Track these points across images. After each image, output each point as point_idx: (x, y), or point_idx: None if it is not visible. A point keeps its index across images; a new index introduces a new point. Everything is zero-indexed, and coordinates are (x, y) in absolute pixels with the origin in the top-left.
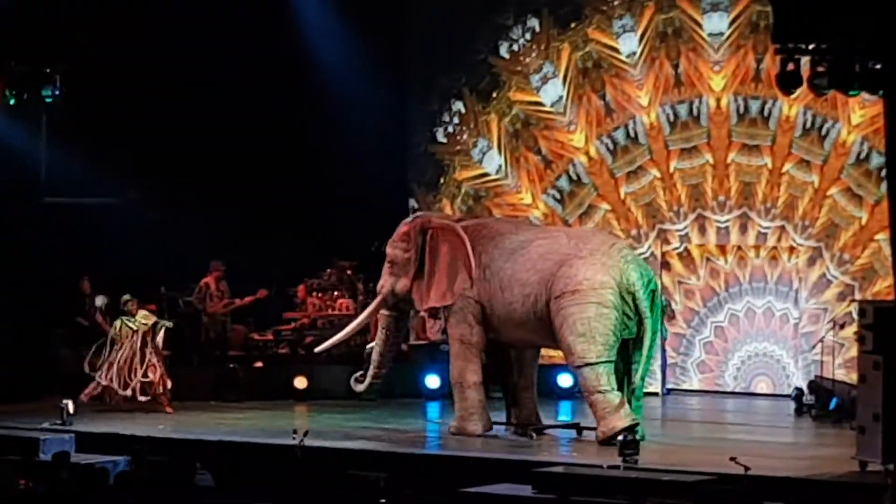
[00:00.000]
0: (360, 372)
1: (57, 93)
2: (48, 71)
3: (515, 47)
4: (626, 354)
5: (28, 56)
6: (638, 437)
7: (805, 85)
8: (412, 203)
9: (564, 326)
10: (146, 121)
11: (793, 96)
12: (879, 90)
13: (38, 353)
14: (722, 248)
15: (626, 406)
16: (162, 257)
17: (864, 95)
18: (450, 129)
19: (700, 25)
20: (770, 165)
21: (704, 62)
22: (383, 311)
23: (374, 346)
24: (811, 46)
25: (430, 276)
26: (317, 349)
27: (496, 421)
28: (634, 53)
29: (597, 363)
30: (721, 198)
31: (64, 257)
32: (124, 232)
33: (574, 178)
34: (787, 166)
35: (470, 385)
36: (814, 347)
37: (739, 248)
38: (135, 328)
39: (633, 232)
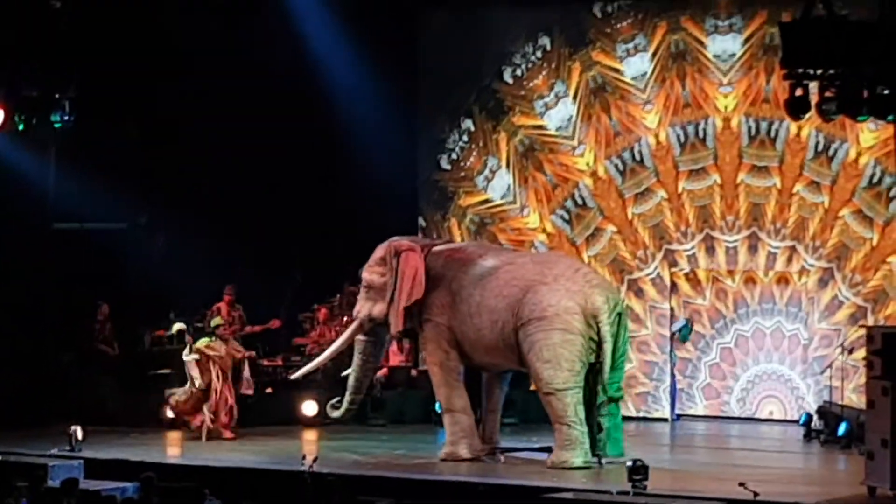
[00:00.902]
0: (337, 399)
1: (66, 118)
2: (57, 96)
3: (519, 72)
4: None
5: (37, 82)
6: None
7: (813, 110)
8: (421, 222)
9: (531, 353)
10: (155, 146)
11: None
12: (888, 115)
13: (46, 379)
14: (730, 272)
15: (586, 444)
16: (171, 283)
17: (873, 120)
18: (455, 154)
19: (704, 46)
20: (779, 185)
21: (710, 83)
22: (359, 337)
23: (351, 371)
24: (819, 72)
25: (397, 299)
26: (292, 375)
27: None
28: (645, 74)
29: (564, 390)
30: (730, 218)
31: (72, 283)
32: (133, 257)
33: (579, 202)
34: (798, 187)
35: (458, 409)
36: (824, 371)
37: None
38: (222, 354)
39: (640, 253)
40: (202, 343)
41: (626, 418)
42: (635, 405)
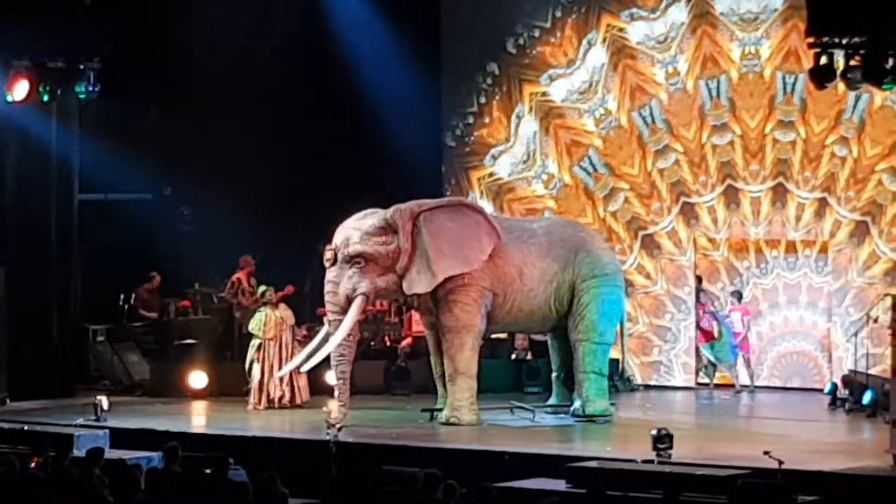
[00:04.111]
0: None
1: (91, 89)
2: (81, 67)
3: (521, 41)
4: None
5: (62, 52)
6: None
7: (838, 79)
8: (447, 191)
9: (592, 304)
10: (179, 116)
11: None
12: None
13: (73, 350)
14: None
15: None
16: (195, 253)
17: None
18: (472, 119)
19: (711, 5)
20: (804, 136)
21: (722, 37)
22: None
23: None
24: (844, 41)
25: (437, 253)
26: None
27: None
28: (676, 24)
29: (608, 344)
30: (754, 166)
31: (98, 254)
32: (157, 228)
33: (590, 169)
34: (830, 139)
35: (473, 376)
36: (850, 339)
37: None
38: (283, 319)
39: (656, 206)
40: (268, 316)
41: (648, 387)
42: (644, 374)
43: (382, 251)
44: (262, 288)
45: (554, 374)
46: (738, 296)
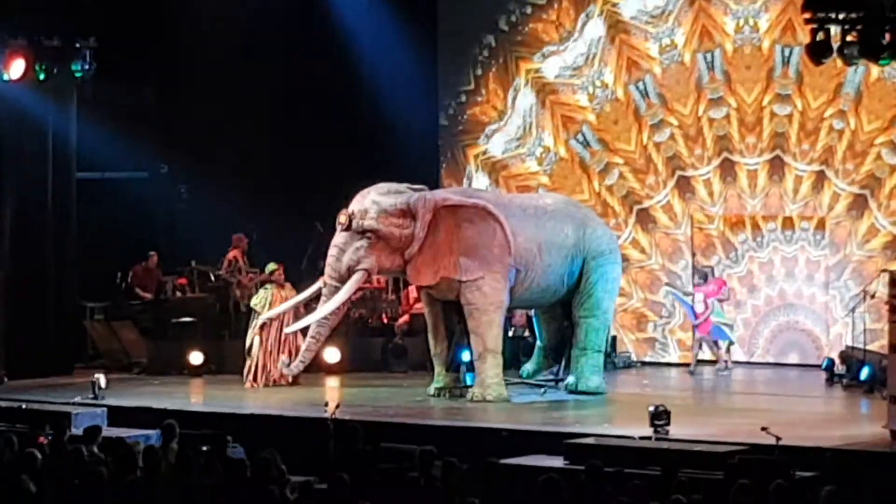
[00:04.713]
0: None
1: (87, 68)
2: (78, 46)
3: (514, 18)
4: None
5: (58, 31)
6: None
7: (835, 54)
8: (443, 167)
9: (600, 282)
10: (176, 95)
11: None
12: None
13: (70, 328)
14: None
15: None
16: (192, 231)
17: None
18: (465, 97)
19: None
20: (801, 108)
21: (716, 10)
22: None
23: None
24: (841, 16)
25: (449, 250)
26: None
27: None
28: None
29: (609, 324)
30: (751, 139)
31: (95, 232)
32: (154, 206)
33: (583, 142)
34: (829, 111)
35: (499, 352)
36: (847, 315)
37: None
38: (288, 299)
39: (651, 180)
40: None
41: (644, 363)
42: (639, 350)
43: (396, 233)
44: (272, 266)
45: (539, 345)
46: (704, 276)
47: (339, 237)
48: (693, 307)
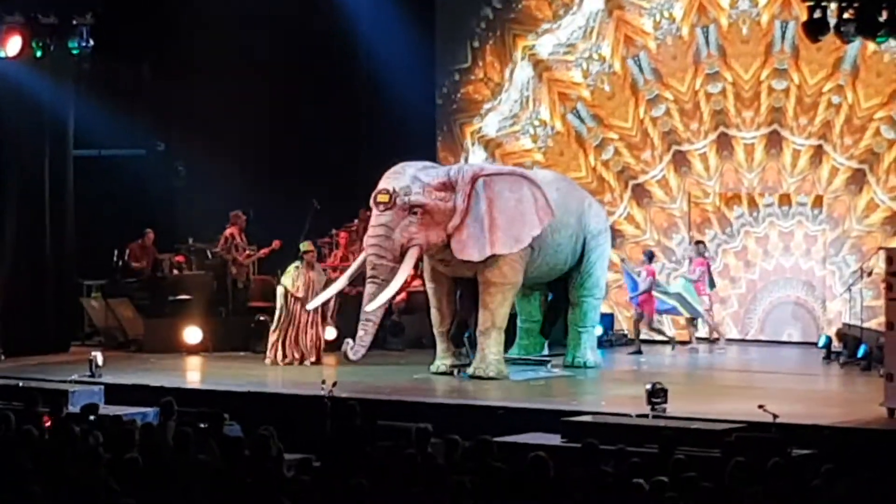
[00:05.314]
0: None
1: (84, 45)
2: (74, 23)
3: None
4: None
5: (54, 8)
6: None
7: (832, 32)
8: (438, 140)
9: (599, 261)
10: (173, 72)
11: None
12: None
13: (67, 306)
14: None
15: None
16: (189, 208)
17: (892, 42)
18: (456, 77)
19: None
20: (798, 83)
21: None
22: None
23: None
24: None
25: (491, 224)
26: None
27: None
28: None
29: (602, 299)
30: (748, 113)
31: (92, 209)
32: (152, 184)
33: (578, 118)
34: (827, 86)
35: (503, 330)
36: (844, 293)
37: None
38: (314, 282)
39: (646, 155)
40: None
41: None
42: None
43: (441, 206)
44: (305, 245)
45: (525, 325)
46: (650, 256)
47: (383, 216)
48: (637, 283)
